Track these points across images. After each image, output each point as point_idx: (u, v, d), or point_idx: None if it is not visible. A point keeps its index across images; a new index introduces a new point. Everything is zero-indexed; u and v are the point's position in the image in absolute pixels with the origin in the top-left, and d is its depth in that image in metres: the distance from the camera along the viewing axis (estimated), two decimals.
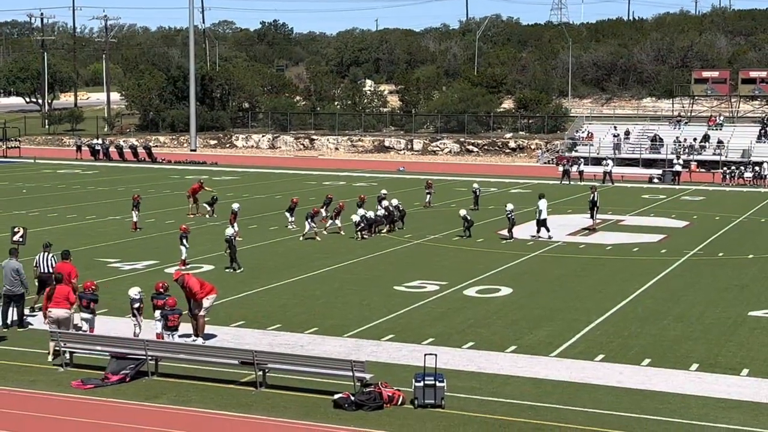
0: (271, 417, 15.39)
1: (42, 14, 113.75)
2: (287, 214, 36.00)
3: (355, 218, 33.86)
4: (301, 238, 33.32)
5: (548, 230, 34.01)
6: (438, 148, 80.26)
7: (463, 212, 34.92)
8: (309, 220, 33.33)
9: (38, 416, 15.29)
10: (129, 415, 15.44)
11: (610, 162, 59.31)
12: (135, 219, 35.32)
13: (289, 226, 35.56)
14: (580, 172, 58.62)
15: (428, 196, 43.73)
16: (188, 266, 27.40)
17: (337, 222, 34.79)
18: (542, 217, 33.81)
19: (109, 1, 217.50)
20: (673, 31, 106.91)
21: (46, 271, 21.66)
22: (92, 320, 19.36)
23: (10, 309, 20.82)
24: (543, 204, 33.79)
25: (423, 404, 15.79)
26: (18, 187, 50.51)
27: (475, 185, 43.84)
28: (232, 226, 29.40)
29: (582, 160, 62.21)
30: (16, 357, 18.55)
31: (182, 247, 27.84)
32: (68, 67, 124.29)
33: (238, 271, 27.31)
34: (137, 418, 15.27)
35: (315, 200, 41.73)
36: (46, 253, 22.03)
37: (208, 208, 39.11)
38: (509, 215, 33.94)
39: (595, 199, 36.87)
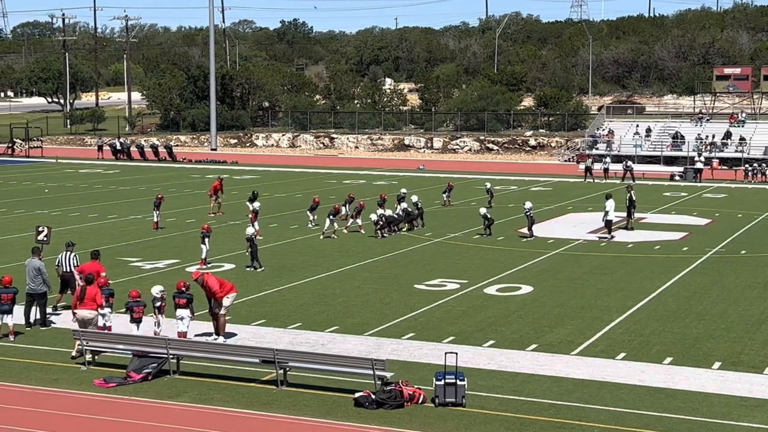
0: (292, 415, 15.42)
1: (63, 15, 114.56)
2: (309, 213, 36.05)
3: (374, 217, 33.91)
4: (321, 237, 33.37)
5: (611, 231, 33.82)
6: (458, 147, 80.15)
7: (483, 211, 34.86)
8: (330, 217, 33.38)
9: (61, 414, 15.38)
10: (151, 413, 15.51)
11: (630, 163, 58.81)
12: (156, 219, 35.42)
13: (310, 225, 35.61)
14: (605, 170, 58.27)
15: (445, 195, 43.60)
16: (209, 265, 27.50)
17: (358, 221, 34.81)
18: (609, 218, 33.69)
19: (129, 1, 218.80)
20: (695, 28, 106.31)
21: (67, 270, 21.79)
22: (109, 316, 19.50)
23: (33, 308, 20.97)
24: (610, 204, 33.67)
25: (444, 403, 15.78)
26: (40, 187, 50.83)
27: (488, 184, 43.57)
28: (253, 225, 29.46)
29: (608, 158, 61.52)
30: (39, 355, 18.68)
31: (203, 246, 27.93)
32: (89, 67, 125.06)
33: (259, 270, 27.37)
34: (159, 417, 15.34)
35: (336, 199, 41.79)
36: (68, 253, 22.15)
37: (250, 206, 38.51)
38: (528, 213, 33.86)
39: (633, 198, 36.64)
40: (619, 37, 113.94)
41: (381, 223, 33.73)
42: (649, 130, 72.03)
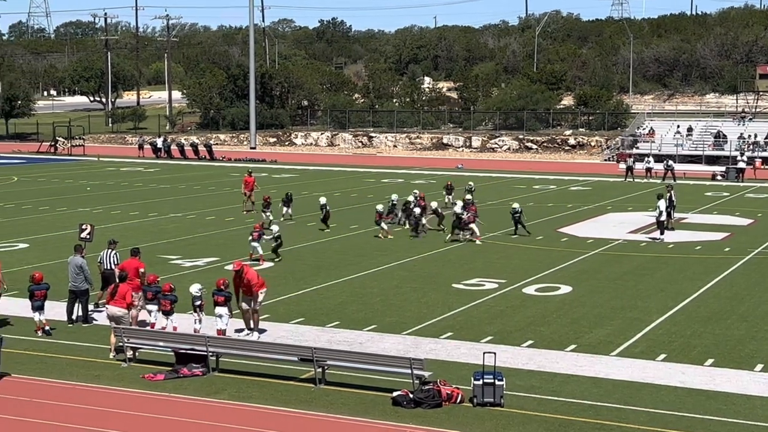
0: (329, 414, 15.46)
1: (105, 14, 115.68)
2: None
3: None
4: (466, 239, 32.53)
5: (663, 232, 33.52)
6: (497, 146, 79.89)
7: (434, 204, 34.63)
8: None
9: (101, 410, 15.54)
10: (190, 410, 15.63)
11: (671, 162, 58.11)
12: (267, 218, 34.88)
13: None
14: (648, 170, 57.61)
15: (449, 197, 41.00)
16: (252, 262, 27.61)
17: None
18: (662, 219, 33.40)
19: (171, 1, 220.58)
20: (738, 26, 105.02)
21: (109, 267, 22.01)
22: (156, 313, 19.85)
23: (75, 305, 21.21)
24: (663, 204, 33.38)
25: (482, 402, 15.74)
26: (82, 185, 51.40)
27: (471, 183, 41.88)
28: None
29: (651, 157, 60.68)
30: (81, 352, 18.90)
31: (256, 244, 28.04)
32: (131, 66, 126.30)
33: (277, 260, 28.18)
34: (198, 414, 15.45)
35: (374, 198, 41.84)
36: (110, 250, 22.38)
37: (285, 210, 37.13)
38: (460, 214, 33.36)
39: (673, 198, 36.30)
40: (660, 35, 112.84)
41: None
42: (690, 129, 71.33)
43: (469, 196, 36.12)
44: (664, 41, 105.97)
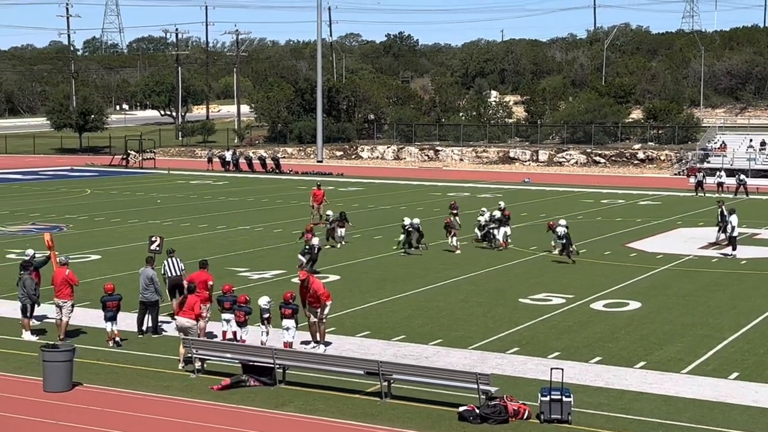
0: (395, 427, 15.44)
1: (177, 30, 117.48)
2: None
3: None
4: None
5: (735, 248, 32.91)
6: (564, 159, 79.25)
7: (417, 221, 33.04)
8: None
9: (170, 420, 15.74)
10: (257, 421, 15.74)
11: (743, 177, 56.80)
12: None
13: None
14: (719, 184, 56.41)
15: (454, 217, 36.78)
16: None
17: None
18: (735, 234, 32.84)
19: (240, 17, 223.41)
20: None
21: (176, 274, 22.31)
22: (233, 322, 20.25)
23: (146, 316, 21.52)
24: (735, 219, 32.86)
25: (549, 419, 15.58)
26: (153, 198, 52.23)
27: (501, 203, 39.64)
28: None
29: (723, 172, 59.25)
30: (150, 363, 19.17)
31: (301, 256, 28.12)
32: (201, 80, 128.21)
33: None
34: (265, 425, 15.55)
35: (440, 211, 41.77)
36: (171, 258, 22.68)
37: (334, 235, 34.43)
38: (411, 227, 32.41)
39: (725, 213, 35.55)
40: (732, 48, 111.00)
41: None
42: (763, 143, 69.95)
43: (497, 213, 34.52)
44: (736, 54, 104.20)
